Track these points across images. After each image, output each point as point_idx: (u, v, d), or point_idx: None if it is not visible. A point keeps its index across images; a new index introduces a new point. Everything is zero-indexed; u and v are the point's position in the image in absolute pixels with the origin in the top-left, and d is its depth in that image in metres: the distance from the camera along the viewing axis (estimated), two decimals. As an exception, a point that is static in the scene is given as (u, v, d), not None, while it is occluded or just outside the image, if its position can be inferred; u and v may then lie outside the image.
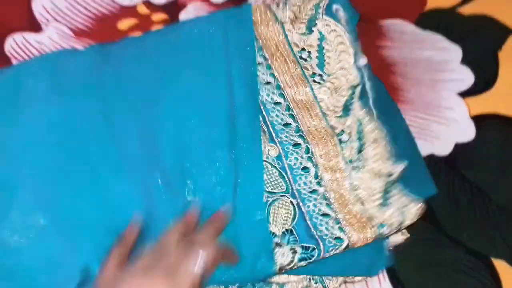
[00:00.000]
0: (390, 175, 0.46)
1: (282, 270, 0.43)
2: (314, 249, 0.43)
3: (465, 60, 0.59)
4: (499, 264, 0.50)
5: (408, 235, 0.49)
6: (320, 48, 0.50)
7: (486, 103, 0.57)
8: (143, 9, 0.59)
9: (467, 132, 0.56)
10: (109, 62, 0.48)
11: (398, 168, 0.46)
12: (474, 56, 0.59)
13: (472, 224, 0.51)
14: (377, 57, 0.58)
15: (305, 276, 0.45)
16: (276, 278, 0.45)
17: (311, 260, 0.42)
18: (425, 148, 0.55)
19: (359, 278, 0.47)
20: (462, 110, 0.57)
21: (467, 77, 0.58)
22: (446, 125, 0.56)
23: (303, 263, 0.42)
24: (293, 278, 0.45)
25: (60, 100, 0.46)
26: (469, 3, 0.61)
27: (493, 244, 0.51)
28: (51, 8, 0.58)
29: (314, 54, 0.50)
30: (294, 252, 0.42)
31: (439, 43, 0.60)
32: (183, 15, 0.59)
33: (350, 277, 0.47)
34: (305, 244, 0.43)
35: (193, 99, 0.46)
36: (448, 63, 0.59)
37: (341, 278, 0.46)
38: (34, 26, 0.57)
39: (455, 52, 0.59)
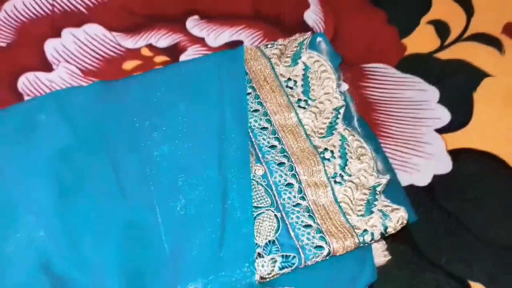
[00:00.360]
0: (375, 187, 0.48)
1: (264, 280, 0.44)
2: (294, 257, 0.44)
3: (442, 101, 0.63)
4: (476, 287, 0.51)
5: (390, 257, 0.50)
6: (305, 77, 0.54)
7: (462, 139, 0.61)
8: (146, 52, 0.65)
9: (445, 165, 0.59)
10: (112, 95, 0.53)
11: (383, 181, 0.48)
12: (450, 96, 0.64)
13: (450, 250, 0.53)
14: (360, 95, 0.63)
15: None
16: None
17: (292, 268, 0.44)
18: (406, 178, 0.58)
19: None
20: (439, 145, 0.60)
21: (444, 116, 0.63)
22: (425, 158, 0.59)
23: (284, 271, 0.44)
24: None
25: (68, 130, 0.50)
26: (446, 49, 0.67)
27: (470, 268, 0.52)
28: (62, 50, 0.64)
29: (300, 83, 0.54)
30: (275, 261, 0.44)
31: (418, 85, 0.65)
32: (183, 58, 0.64)
33: None
34: (285, 253, 0.44)
35: (187, 127, 0.50)
36: (426, 103, 0.64)
37: None
38: (46, 66, 0.63)
39: (433, 93, 0.64)
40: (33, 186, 0.45)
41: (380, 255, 0.50)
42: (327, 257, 0.44)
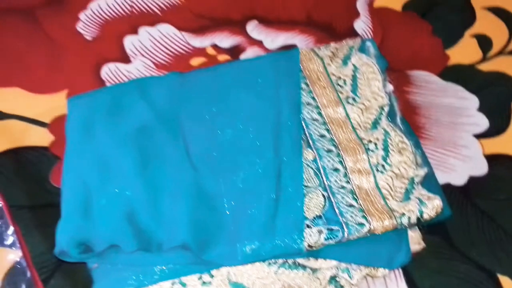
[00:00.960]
0: (412, 178, 0.54)
1: (311, 248, 0.50)
2: (338, 230, 0.50)
3: (481, 108, 0.68)
4: (504, 280, 0.56)
5: (424, 245, 0.56)
6: (354, 77, 0.61)
7: (498, 145, 0.65)
8: (211, 51, 0.73)
9: (481, 168, 0.64)
10: (184, 84, 0.61)
11: (421, 172, 0.54)
12: (489, 105, 0.69)
13: (481, 244, 0.58)
14: (403, 100, 0.69)
15: (333, 265, 0.52)
16: (310, 263, 0.51)
17: (335, 240, 0.50)
18: (443, 177, 0.62)
19: (380, 273, 0.53)
20: (476, 149, 0.65)
21: (482, 122, 0.68)
22: (462, 160, 0.64)
23: (329, 242, 0.50)
24: (324, 265, 0.52)
25: (148, 111, 0.58)
26: (487, 62, 0.72)
27: (499, 262, 0.57)
28: (139, 46, 0.73)
29: (349, 82, 0.61)
30: (321, 232, 0.50)
31: (459, 93, 0.70)
32: (243, 57, 0.72)
33: (373, 271, 0.53)
34: (331, 227, 0.50)
35: (248, 114, 0.58)
36: (466, 110, 0.69)
37: (364, 270, 0.52)
38: (125, 59, 0.72)
39: (473, 101, 0.69)
40: (122, 153, 0.53)
41: (415, 243, 0.55)
42: (367, 234, 0.50)
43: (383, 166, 0.55)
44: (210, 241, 0.49)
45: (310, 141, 0.56)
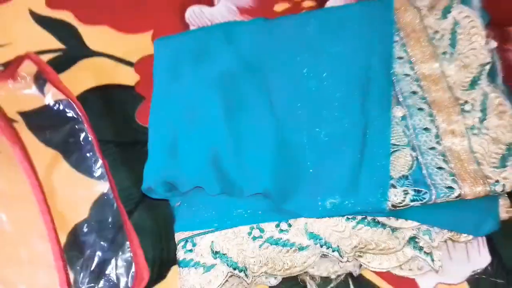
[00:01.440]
0: (511, 143, 0.50)
1: (394, 208, 0.49)
2: (426, 193, 0.48)
3: None
4: None
5: None
6: (453, 32, 0.56)
7: None
8: None
9: None
10: (270, 31, 0.59)
11: None
12: None
13: None
14: (504, 59, 0.63)
15: (414, 226, 0.51)
16: (389, 222, 0.50)
17: (422, 202, 0.48)
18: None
19: (464, 238, 0.51)
20: None
21: None
22: None
23: (414, 203, 0.48)
24: (404, 225, 0.51)
25: (233, 56, 0.58)
26: None
27: None
28: None
29: (447, 36, 0.56)
30: (406, 193, 0.48)
31: None
32: (329, 4, 0.69)
33: (456, 235, 0.51)
34: (418, 188, 0.49)
35: (335, 65, 0.55)
36: None
37: (446, 234, 0.51)
38: (209, 1, 0.71)
39: None
40: (208, 98, 0.54)
41: (503, 211, 0.52)
42: (456, 199, 0.48)
43: (479, 128, 0.51)
44: (291, 191, 0.49)
45: (401, 98, 0.54)
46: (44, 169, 0.58)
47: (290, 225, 0.51)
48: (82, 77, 0.65)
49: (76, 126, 0.59)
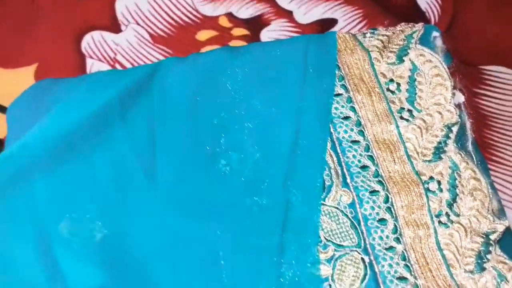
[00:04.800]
0: (489, 234, 0.39)
1: None
2: (384, 320, 0.37)
3: None
4: None
5: None
6: (412, 80, 0.45)
7: None
8: (225, 22, 0.58)
9: None
10: (177, 81, 0.46)
11: (500, 227, 0.39)
12: None
13: None
14: (472, 105, 0.52)
15: None
16: None
17: None
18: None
19: None
20: None
21: None
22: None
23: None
24: None
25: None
26: None
27: None
28: (134, 10, 0.58)
29: (404, 87, 0.45)
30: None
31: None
32: (265, 33, 0.57)
33: None
34: (374, 313, 0.37)
35: (258, 130, 0.43)
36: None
37: None
38: (114, 27, 0.57)
39: None
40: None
41: None
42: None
43: (447, 215, 0.40)
44: None
45: (348, 176, 0.42)
46: None
47: None
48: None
49: None
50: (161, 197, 0.42)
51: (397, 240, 0.41)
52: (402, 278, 0.39)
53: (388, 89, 0.46)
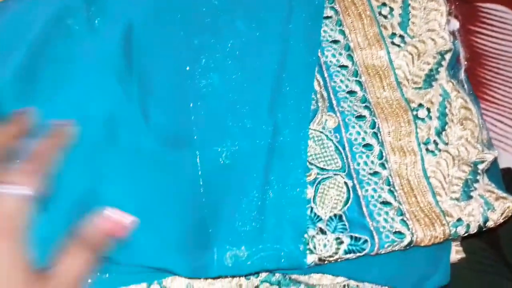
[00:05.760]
0: (477, 163, 0.38)
1: (321, 262, 0.36)
2: (366, 241, 0.36)
3: None
4: None
5: (464, 255, 0.41)
6: (405, 4, 0.43)
7: None
8: None
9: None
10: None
11: (489, 157, 0.38)
12: None
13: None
14: (467, 43, 0.50)
15: (339, 282, 0.38)
16: (305, 278, 0.38)
17: (360, 254, 0.36)
18: (503, 159, 0.47)
19: None
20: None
21: None
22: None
23: (349, 256, 0.36)
24: (325, 281, 0.39)
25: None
26: None
27: None
28: None
29: (397, 11, 0.43)
30: (340, 242, 0.36)
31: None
32: None
33: None
34: (355, 235, 0.36)
35: (243, 51, 0.41)
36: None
37: None
38: None
39: None
40: None
41: (452, 251, 0.41)
42: (407, 248, 0.35)
43: (435, 143, 0.39)
44: (169, 240, 0.34)
45: (334, 100, 0.40)
46: None
47: (164, 288, 0.36)
48: None
49: None
50: (137, 118, 0.39)
51: (382, 166, 0.39)
52: (385, 203, 0.38)
53: (380, 13, 0.44)
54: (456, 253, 0.41)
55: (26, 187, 0.27)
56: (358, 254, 0.36)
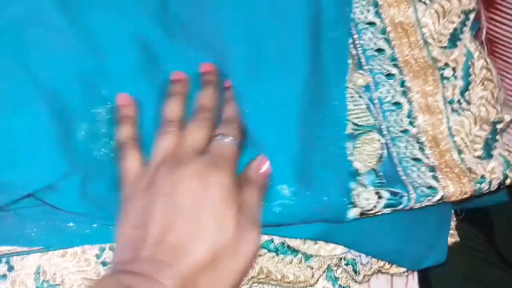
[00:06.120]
0: (496, 123, 0.40)
1: (362, 215, 0.37)
2: (403, 196, 0.37)
3: None
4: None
5: (458, 239, 0.44)
6: (435, -39, 0.43)
7: None
8: None
9: None
10: None
11: (507, 117, 0.40)
12: None
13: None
14: (486, 31, 0.51)
15: (337, 254, 0.40)
16: (304, 247, 0.40)
17: (397, 208, 0.37)
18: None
19: (395, 269, 0.42)
20: None
21: None
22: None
23: (388, 210, 0.37)
24: (323, 252, 0.40)
25: None
26: None
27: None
28: None
29: (425, -32, 0.43)
30: (380, 196, 0.37)
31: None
32: None
33: (386, 265, 0.42)
34: (393, 189, 0.37)
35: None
36: None
37: (376, 264, 0.41)
38: None
39: None
40: None
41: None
42: (438, 202, 0.37)
43: (459, 102, 0.40)
44: None
45: (362, 58, 0.40)
46: None
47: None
48: None
49: None
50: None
51: (411, 124, 0.41)
52: (417, 159, 0.39)
53: (408, -31, 0.43)
54: (450, 237, 0.44)
55: (233, 137, 0.35)
56: (396, 208, 0.37)
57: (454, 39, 0.43)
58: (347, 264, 0.42)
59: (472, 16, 0.43)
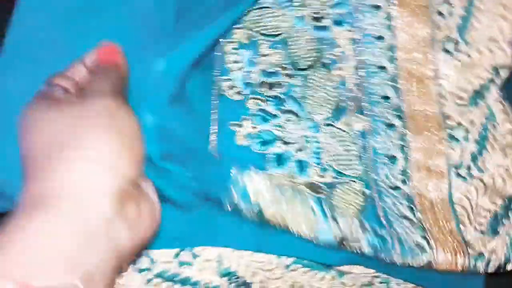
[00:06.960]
0: (511, 198, 0.35)
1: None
2: (386, 241, 0.34)
3: None
4: None
5: None
6: (469, 6, 0.38)
7: None
8: None
9: None
10: None
11: None
12: None
13: None
14: None
15: (369, 272, 0.37)
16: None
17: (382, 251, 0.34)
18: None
19: None
20: None
21: None
22: None
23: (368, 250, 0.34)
24: (356, 270, 0.37)
25: None
26: None
27: None
28: None
29: (458, 11, 0.38)
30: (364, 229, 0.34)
31: None
32: None
33: None
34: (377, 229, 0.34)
35: None
36: None
37: (410, 285, 0.38)
38: None
39: None
40: None
41: None
42: (424, 267, 0.33)
43: (468, 168, 0.35)
44: None
45: (366, 103, 0.37)
46: None
47: (195, 256, 0.36)
48: None
49: None
50: None
51: (404, 182, 0.36)
52: (406, 217, 0.35)
53: (438, 11, 0.39)
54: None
55: None
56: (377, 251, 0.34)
57: (476, 96, 0.38)
58: (381, 283, 0.38)
59: (504, 72, 0.38)
